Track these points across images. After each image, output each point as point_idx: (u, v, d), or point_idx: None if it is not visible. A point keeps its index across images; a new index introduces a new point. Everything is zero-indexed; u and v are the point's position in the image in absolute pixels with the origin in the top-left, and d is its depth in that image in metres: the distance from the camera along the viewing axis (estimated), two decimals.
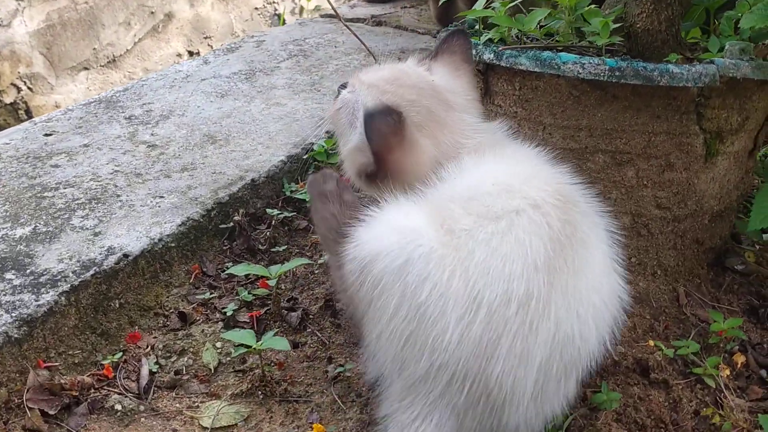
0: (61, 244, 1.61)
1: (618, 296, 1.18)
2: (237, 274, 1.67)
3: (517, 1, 1.62)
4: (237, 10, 4.85)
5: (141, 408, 1.37)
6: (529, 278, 1.06)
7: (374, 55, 2.36)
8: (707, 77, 1.41)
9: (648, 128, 1.49)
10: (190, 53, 4.55)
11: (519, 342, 1.06)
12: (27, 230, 1.66)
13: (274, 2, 5.05)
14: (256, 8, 4.97)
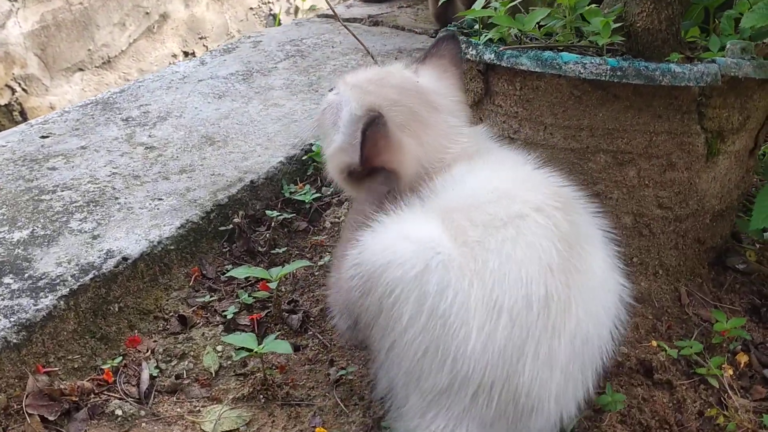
0: (60, 248, 1.60)
1: (620, 293, 1.19)
2: (237, 277, 1.66)
3: (517, 1, 1.61)
4: (232, 11, 4.83)
5: (142, 413, 1.36)
6: (547, 281, 1.06)
7: (372, 56, 2.35)
8: (709, 77, 1.40)
9: (649, 128, 1.49)
10: (186, 54, 4.53)
11: (543, 346, 1.05)
12: (24, 234, 1.65)
13: (270, 2, 5.04)
14: (251, 8, 4.95)
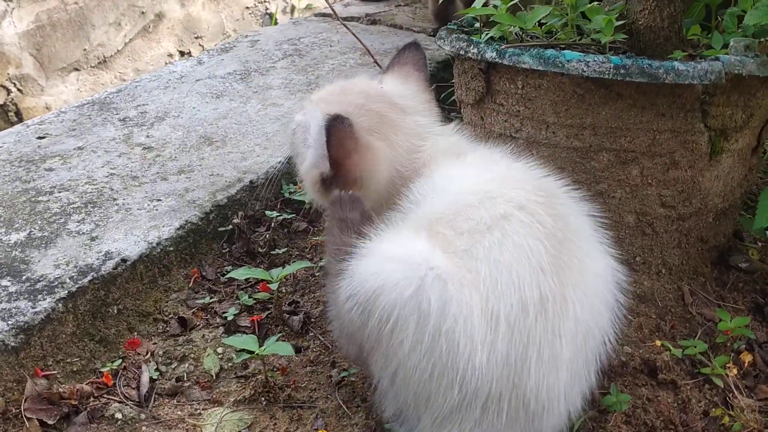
0: (58, 250, 1.58)
1: (616, 279, 1.18)
2: (237, 278, 1.65)
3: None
4: (228, 10, 4.81)
5: (142, 416, 1.34)
6: (540, 281, 1.04)
7: (372, 54, 2.33)
8: (713, 74, 1.40)
9: (653, 126, 1.48)
10: (182, 53, 4.51)
11: (546, 348, 1.04)
12: (22, 235, 1.63)
13: (266, 1, 5.02)
14: (247, 8, 4.93)
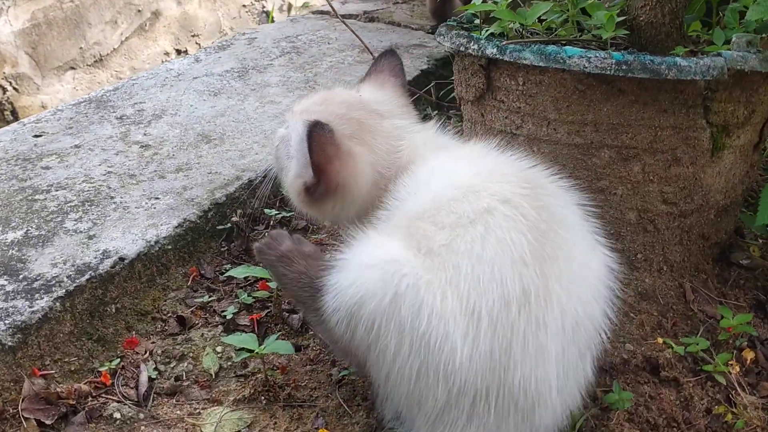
0: (55, 248, 1.57)
1: (608, 266, 1.18)
2: (236, 276, 1.64)
3: None
4: (225, 8, 4.79)
5: (140, 416, 1.33)
6: (522, 275, 1.04)
7: (371, 52, 2.32)
8: (715, 70, 1.39)
9: (654, 123, 1.47)
10: (178, 52, 4.49)
11: (530, 342, 1.04)
12: (19, 234, 1.61)
13: None
14: (244, 6, 4.92)
